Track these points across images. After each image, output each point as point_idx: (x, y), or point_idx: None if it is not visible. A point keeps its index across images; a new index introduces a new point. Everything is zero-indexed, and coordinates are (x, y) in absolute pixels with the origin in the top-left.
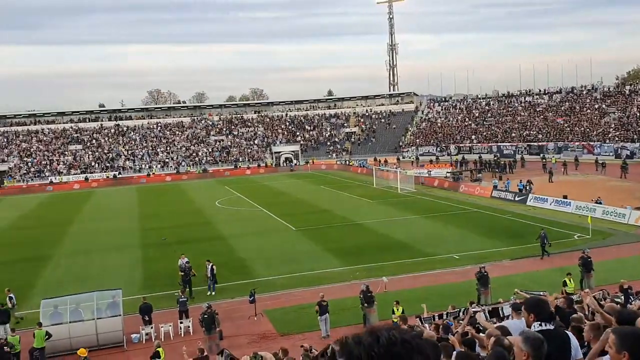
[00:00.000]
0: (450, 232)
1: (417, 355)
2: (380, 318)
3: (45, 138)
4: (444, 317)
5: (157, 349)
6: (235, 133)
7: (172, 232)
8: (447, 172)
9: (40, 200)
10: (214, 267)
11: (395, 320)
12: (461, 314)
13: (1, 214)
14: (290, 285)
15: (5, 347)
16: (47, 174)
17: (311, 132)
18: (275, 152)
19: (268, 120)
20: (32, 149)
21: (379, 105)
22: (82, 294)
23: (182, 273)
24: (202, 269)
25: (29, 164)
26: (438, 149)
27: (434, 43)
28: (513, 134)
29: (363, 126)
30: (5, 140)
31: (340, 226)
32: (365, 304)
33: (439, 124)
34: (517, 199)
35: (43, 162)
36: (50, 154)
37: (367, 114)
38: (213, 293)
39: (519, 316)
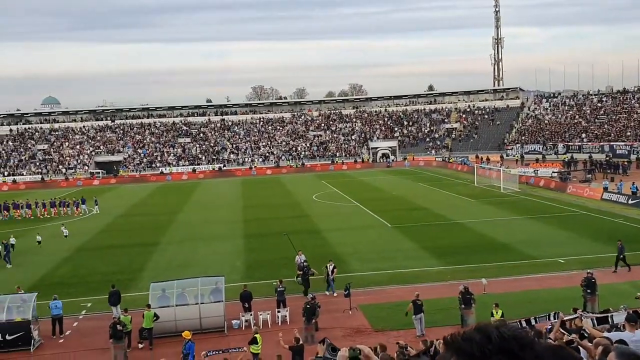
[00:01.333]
0: (555, 235)
1: (529, 351)
2: (478, 320)
3: (157, 131)
4: (533, 322)
5: (255, 335)
6: (333, 128)
7: (272, 224)
8: (554, 172)
9: (152, 189)
10: (335, 268)
11: None
12: (551, 318)
13: (116, 202)
14: (385, 282)
15: (118, 326)
16: (158, 164)
17: (410, 128)
18: (373, 148)
19: (366, 115)
20: (145, 141)
21: (482, 100)
22: (187, 279)
23: (301, 272)
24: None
25: (142, 155)
26: (545, 148)
27: (541, 36)
28: (628, 133)
29: (465, 122)
30: (121, 132)
31: (438, 225)
32: (463, 305)
33: (547, 121)
34: (630, 202)
35: (155, 154)
36: (161, 145)
37: (469, 109)
38: (334, 294)
39: (632, 328)
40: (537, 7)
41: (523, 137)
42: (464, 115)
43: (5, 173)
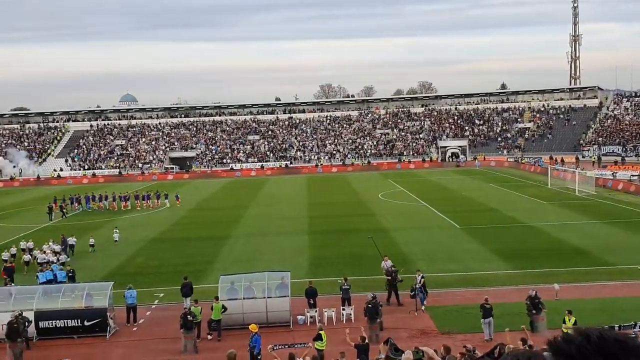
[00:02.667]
0: (634, 241)
1: (633, 356)
2: (550, 326)
3: (228, 128)
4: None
5: (320, 332)
6: (401, 127)
7: (336, 221)
8: (633, 175)
9: (222, 184)
10: (423, 278)
11: (566, 330)
12: (637, 327)
13: (189, 196)
14: (453, 284)
15: (188, 316)
16: (228, 161)
17: (481, 127)
18: (442, 147)
19: (435, 114)
20: (216, 138)
21: (558, 99)
22: (255, 272)
23: (389, 277)
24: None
25: (214, 151)
26: (624, 149)
27: (622, 32)
28: None
29: (538, 122)
30: (194, 129)
31: (509, 227)
32: (533, 311)
33: (627, 122)
34: None
35: (225, 150)
36: (232, 142)
37: (543, 108)
38: (422, 308)
39: None
40: (618, 1)
41: (600, 138)
42: (537, 115)
43: (86, 167)
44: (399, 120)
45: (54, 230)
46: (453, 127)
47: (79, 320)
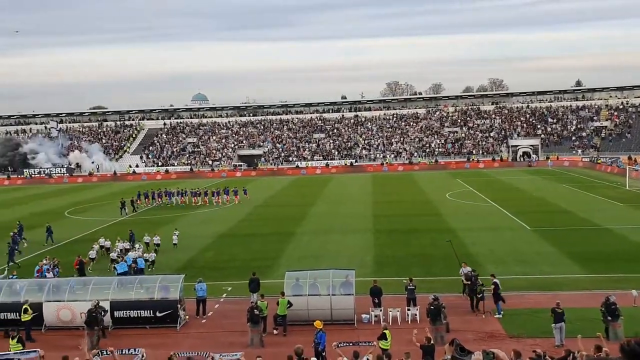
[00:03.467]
0: None
1: None
2: (627, 334)
3: (294, 126)
4: None
5: (384, 331)
6: (470, 125)
7: (402, 221)
8: None
9: (288, 182)
10: (499, 284)
11: None
12: None
13: (256, 193)
14: (523, 287)
15: (255, 310)
16: (294, 159)
17: (554, 126)
18: (512, 146)
19: (506, 112)
20: (283, 136)
21: (638, 97)
22: (319, 270)
23: (469, 282)
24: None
25: (280, 149)
26: None
27: None
28: None
29: (616, 120)
30: (262, 127)
31: (583, 230)
32: (609, 317)
33: None
34: None
35: (291, 148)
36: (298, 141)
37: (622, 106)
38: (498, 315)
39: None
40: None
41: None
42: (615, 113)
43: (160, 163)
44: (468, 118)
45: (129, 224)
46: (525, 125)
47: (151, 311)
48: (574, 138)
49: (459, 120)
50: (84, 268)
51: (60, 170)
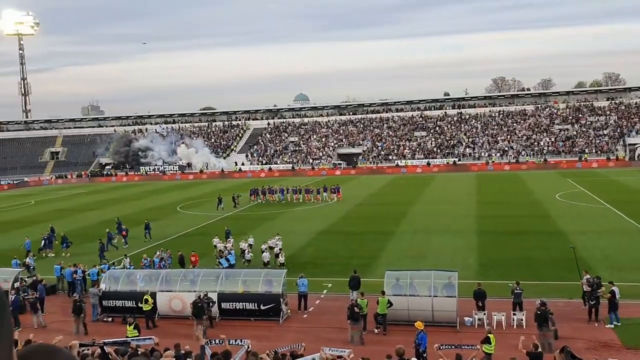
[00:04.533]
0: None
1: None
2: None
3: (394, 125)
4: None
5: (488, 335)
6: (583, 122)
7: (508, 222)
8: None
9: (387, 181)
10: (617, 292)
11: None
12: None
13: (354, 191)
14: None
15: (355, 308)
16: (394, 157)
17: None
18: (630, 144)
19: (623, 108)
20: (382, 135)
21: None
22: (420, 270)
23: (590, 289)
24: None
25: (379, 147)
26: None
27: None
28: None
29: None
30: (362, 125)
31: None
32: None
33: None
34: None
35: (391, 147)
36: (398, 139)
37: None
38: (613, 324)
39: None
40: None
41: None
42: None
43: (263, 162)
44: (580, 115)
45: (234, 219)
46: None
47: (256, 304)
48: None
49: (571, 117)
50: (184, 261)
51: (173, 168)
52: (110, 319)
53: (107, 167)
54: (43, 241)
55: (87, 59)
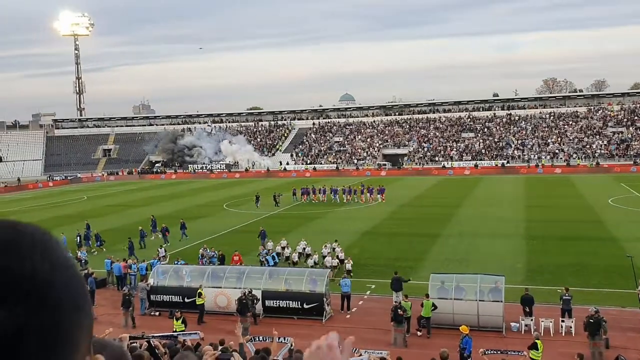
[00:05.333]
0: None
1: None
2: None
3: (441, 125)
4: None
5: (536, 341)
6: (638, 125)
7: (558, 227)
8: None
9: (434, 182)
10: None
11: None
12: None
13: (400, 192)
14: None
15: (399, 310)
16: (440, 159)
17: None
18: None
19: None
20: (429, 135)
21: None
22: (466, 274)
23: None
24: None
25: (426, 148)
26: None
27: None
28: None
29: None
30: (408, 126)
31: None
32: None
33: None
34: None
35: (438, 148)
36: (445, 140)
37: None
38: None
39: None
40: None
41: None
42: None
43: (308, 161)
44: (635, 118)
45: (281, 217)
46: None
47: (299, 303)
48: None
49: (626, 120)
50: (224, 260)
51: (220, 166)
52: (157, 313)
53: (156, 164)
54: (77, 237)
55: (138, 59)
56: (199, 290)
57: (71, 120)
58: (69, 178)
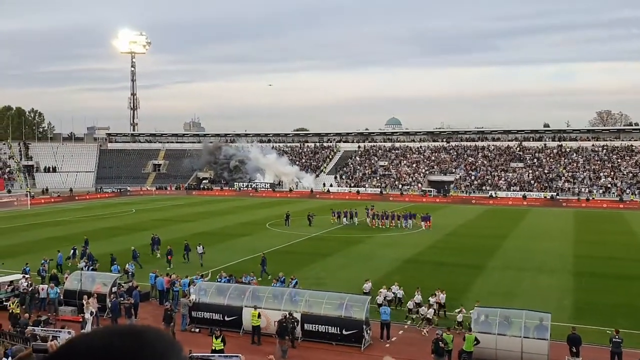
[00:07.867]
0: None
1: None
2: None
3: (490, 154)
4: None
5: None
6: None
7: (609, 264)
8: None
9: (480, 211)
10: None
11: None
12: None
13: (445, 221)
14: None
15: (440, 343)
16: (487, 188)
17: None
18: None
19: None
20: (477, 163)
21: None
22: (511, 309)
23: None
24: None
25: (473, 177)
26: None
27: None
28: None
29: None
30: (455, 153)
31: None
32: None
33: None
34: None
35: (486, 177)
36: (493, 169)
37: None
38: None
39: None
40: None
41: None
42: None
43: (352, 184)
44: None
45: (320, 239)
46: None
47: (338, 328)
48: None
49: None
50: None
51: (265, 185)
52: (197, 330)
53: (204, 181)
54: (72, 250)
55: (191, 77)
56: (255, 312)
57: (124, 135)
58: (120, 190)
